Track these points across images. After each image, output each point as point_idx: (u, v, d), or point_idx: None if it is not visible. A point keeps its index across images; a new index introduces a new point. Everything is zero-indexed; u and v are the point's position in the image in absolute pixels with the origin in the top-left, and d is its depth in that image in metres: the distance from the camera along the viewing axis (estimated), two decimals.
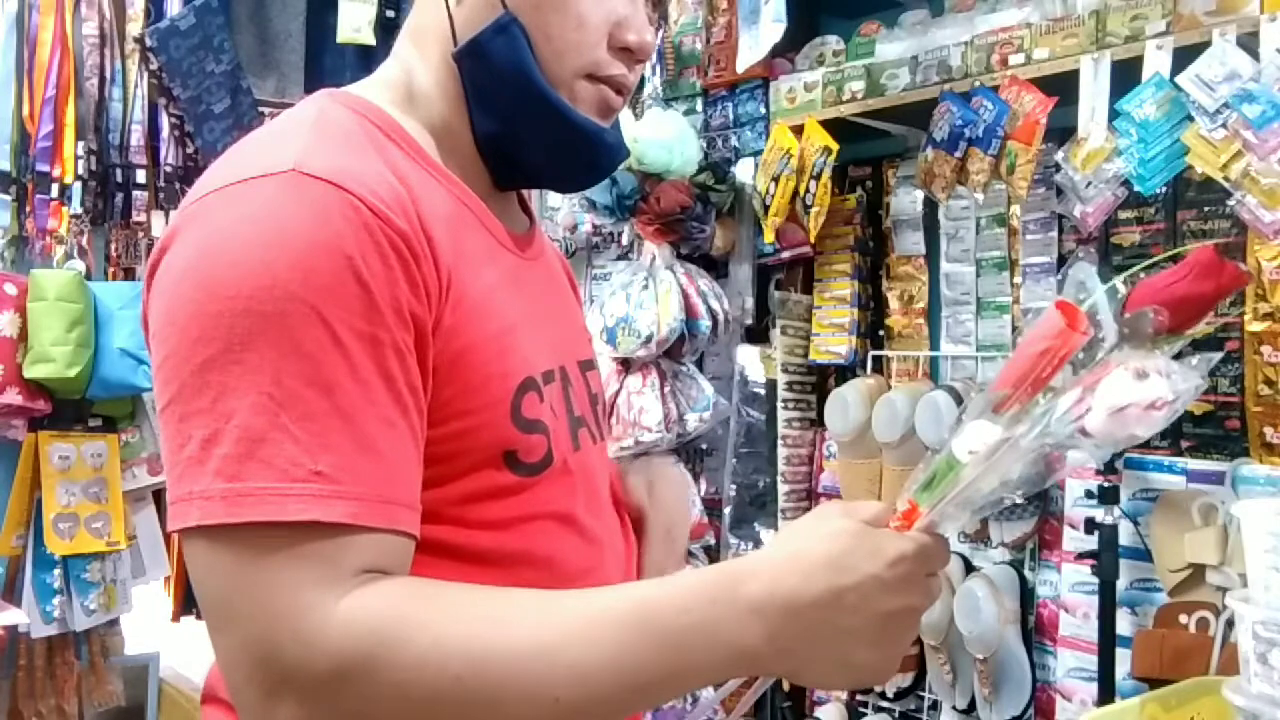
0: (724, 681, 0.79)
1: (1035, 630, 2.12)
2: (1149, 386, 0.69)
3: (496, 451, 0.79)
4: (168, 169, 3.10)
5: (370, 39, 2.76)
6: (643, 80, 2.74)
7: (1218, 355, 1.77)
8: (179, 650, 2.79)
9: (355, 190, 0.72)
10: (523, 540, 0.82)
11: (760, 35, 2.41)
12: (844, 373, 2.50)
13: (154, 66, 2.67)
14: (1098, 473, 1.90)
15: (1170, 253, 1.64)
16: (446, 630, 0.68)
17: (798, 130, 2.39)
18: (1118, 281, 0.76)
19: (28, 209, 3.17)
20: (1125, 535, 1.89)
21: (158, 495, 2.50)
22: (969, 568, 2.20)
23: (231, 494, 0.66)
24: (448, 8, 0.86)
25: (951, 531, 0.79)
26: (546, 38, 0.84)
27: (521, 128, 0.86)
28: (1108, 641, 1.87)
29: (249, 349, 0.67)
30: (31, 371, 2.16)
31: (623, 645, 0.69)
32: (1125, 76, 1.81)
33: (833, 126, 2.32)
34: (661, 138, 2.51)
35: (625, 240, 2.88)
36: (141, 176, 3.15)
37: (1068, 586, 2.04)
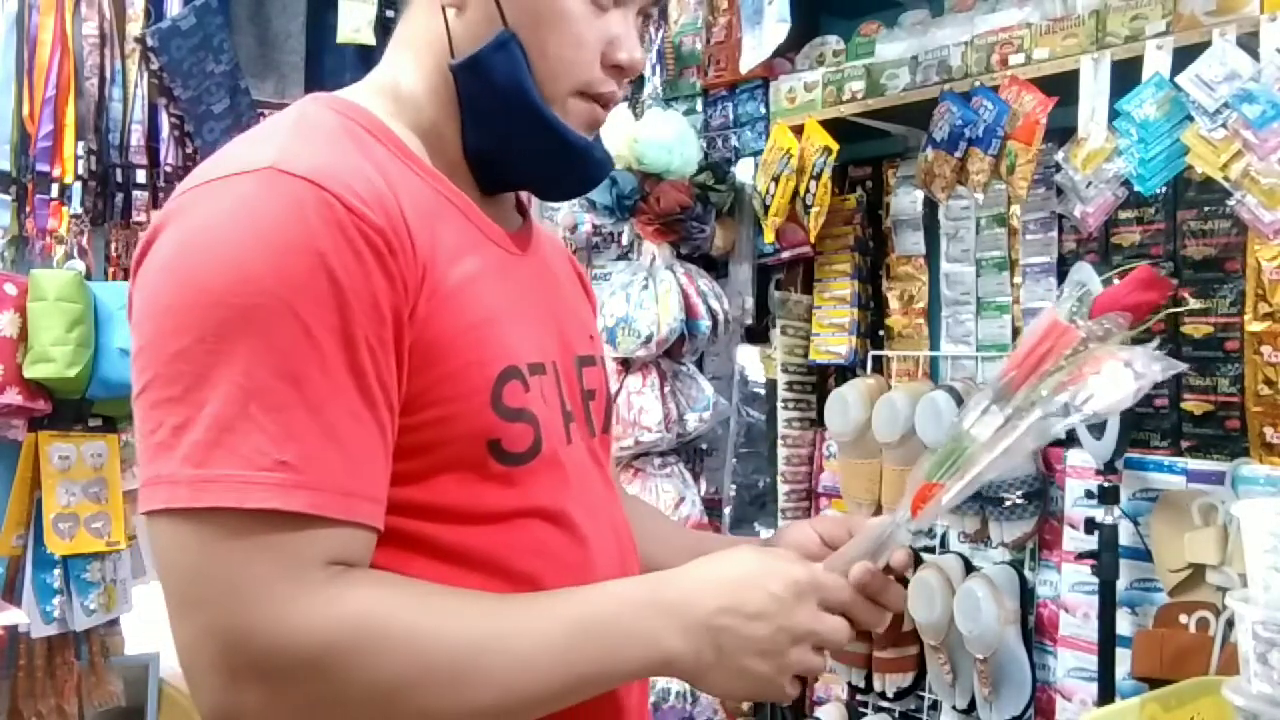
0: (650, 678, 0.88)
1: (1035, 630, 2.11)
2: (1136, 372, 0.83)
3: (480, 440, 0.81)
4: (168, 169, 3.10)
5: (370, 39, 2.76)
6: (642, 80, 2.74)
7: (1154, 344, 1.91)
8: None
9: (331, 186, 0.74)
10: (510, 537, 0.83)
11: (764, 35, 2.41)
12: (844, 373, 2.50)
13: (155, 66, 2.67)
14: (1098, 473, 1.90)
15: (1114, 271, 1.79)
16: (418, 624, 0.73)
17: (798, 130, 2.38)
18: (1090, 288, 0.88)
19: (28, 209, 3.17)
20: (1125, 535, 1.89)
21: None
22: (969, 568, 2.20)
23: (198, 479, 0.69)
24: (445, 20, 0.87)
25: (950, 505, 0.89)
26: (543, 55, 0.86)
27: (515, 141, 0.89)
28: (1108, 641, 1.87)
29: (222, 341, 0.70)
30: (31, 371, 2.16)
31: (569, 642, 0.77)
32: (1125, 76, 1.81)
33: (833, 126, 2.32)
34: (661, 138, 2.51)
35: (625, 240, 2.88)
36: (141, 176, 3.15)
37: (1068, 586, 2.04)
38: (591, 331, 1.04)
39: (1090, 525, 1.89)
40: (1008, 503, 2.07)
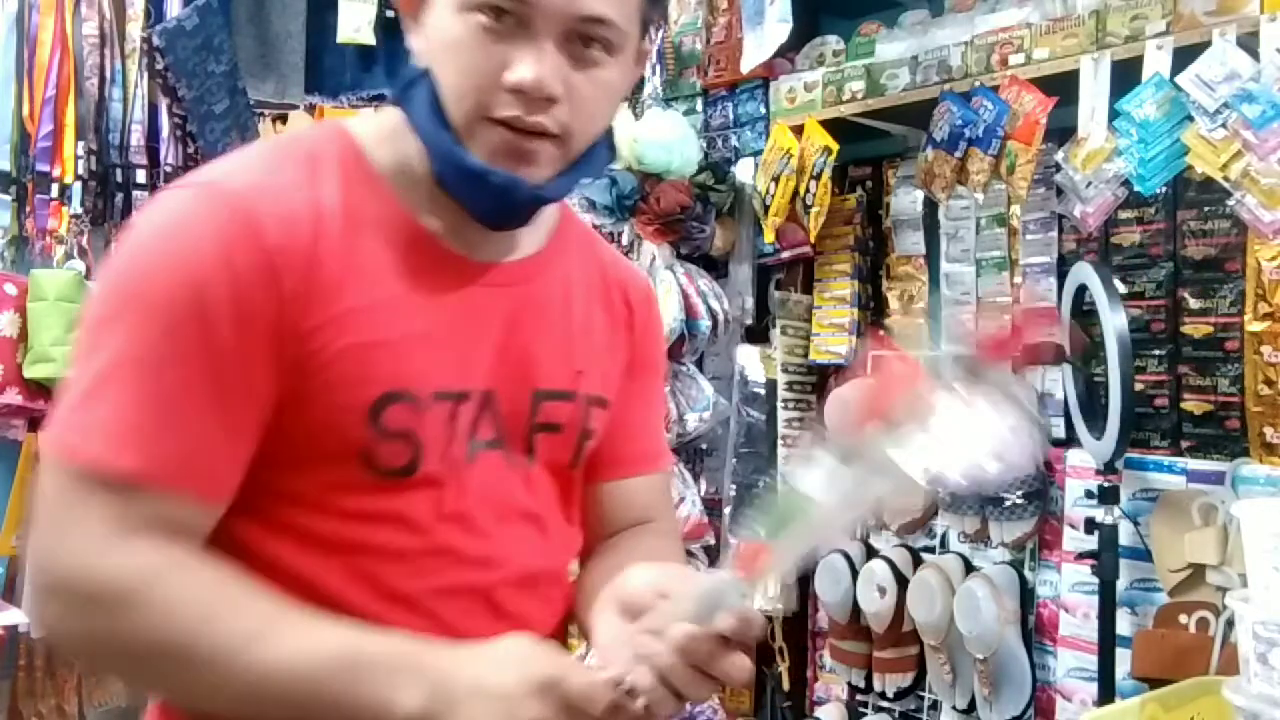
0: None
1: (1035, 630, 2.11)
2: (983, 419, 0.76)
3: (352, 451, 0.88)
4: (168, 169, 3.09)
5: (370, 39, 2.76)
6: (642, 80, 2.74)
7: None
8: None
9: (248, 207, 0.85)
10: (371, 539, 0.89)
11: (765, 35, 2.41)
12: (844, 373, 2.50)
13: (160, 66, 2.67)
14: (1098, 473, 1.90)
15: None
16: (190, 598, 0.81)
17: (798, 130, 2.38)
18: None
19: (28, 209, 3.16)
20: (1125, 535, 1.89)
21: None
22: (969, 568, 2.20)
23: (60, 433, 0.84)
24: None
25: (790, 563, 0.85)
26: (444, 85, 0.89)
27: (437, 169, 0.91)
28: (1108, 641, 1.87)
29: (115, 323, 0.84)
30: (31, 371, 2.16)
31: (316, 668, 0.81)
32: (1125, 76, 1.81)
33: (833, 126, 2.32)
34: (661, 138, 2.51)
35: (625, 240, 2.87)
36: (141, 176, 3.14)
37: (1068, 586, 2.04)
38: (581, 367, 1.01)
39: (1090, 525, 1.89)
40: (1008, 503, 2.07)
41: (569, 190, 0.98)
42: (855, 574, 2.31)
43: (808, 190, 2.32)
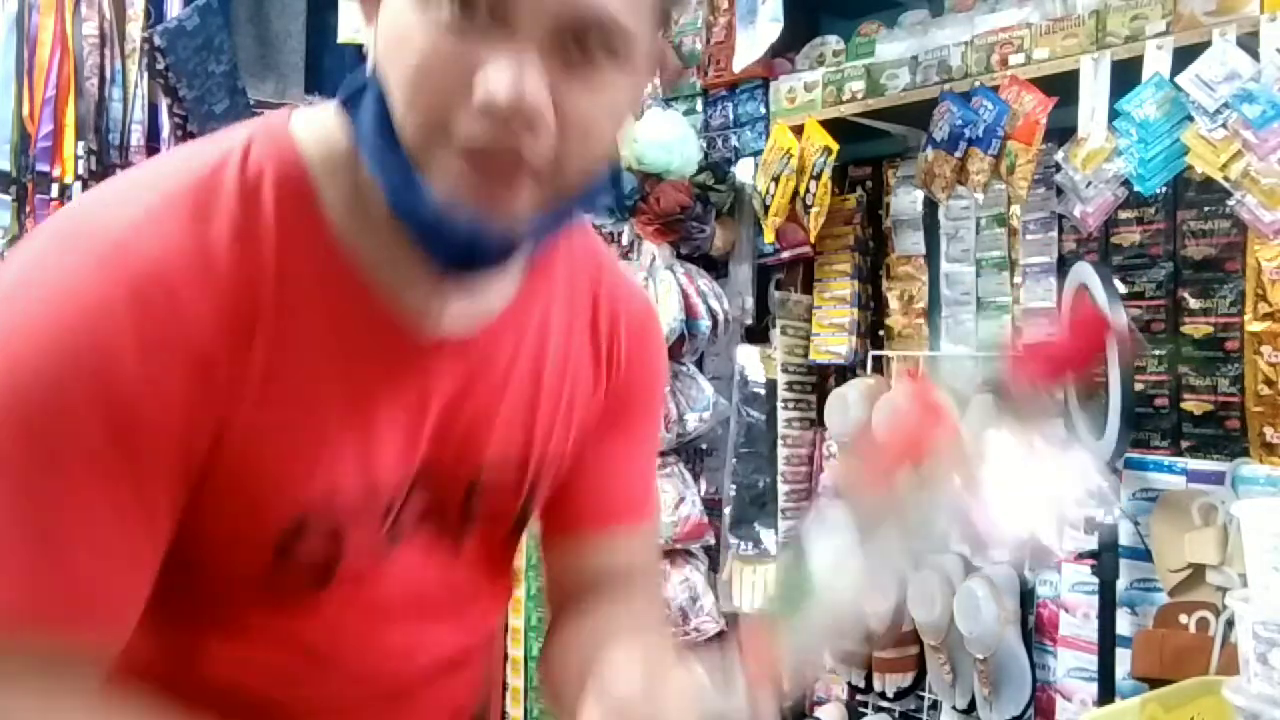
0: None
1: (1035, 630, 2.11)
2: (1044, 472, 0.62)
3: (258, 561, 0.75)
4: None
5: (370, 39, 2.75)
6: None
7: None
8: None
9: (157, 284, 0.67)
10: (281, 642, 0.79)
11: (757, 35, 2.41)
12: (844, 373, 2.50)
13: (161, 66, 2.67)
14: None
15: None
16: None
17: (798, 130, 2.39)
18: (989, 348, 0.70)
19: (28, 209, 3.17)
20: (1125, 535, 1.89)
21: None
22: (969, 568, 2.20)
23: None
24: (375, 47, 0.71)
25: (810, 651, 0.71)
26: (394, 95, 0.67)
27: (391, 204, 0.70)
28: (1108, 641, 1.87)
29: None
30: None
31: None
32: (1125, 76, 1.81)
33: (833, 126, 2.32)
34: (661, 138, 2.51)
35: (625, 240, 2.88)
36: None
37: (1068, 586, 2.04)
38: (542, 433, 0.86)
39: (1090, 525, 1.89)
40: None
41: (554, 234, 0.77)
42: None
43: (808, 190, 2.32)
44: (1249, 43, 1.67)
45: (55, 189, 3.09)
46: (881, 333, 2.50)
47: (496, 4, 0.64)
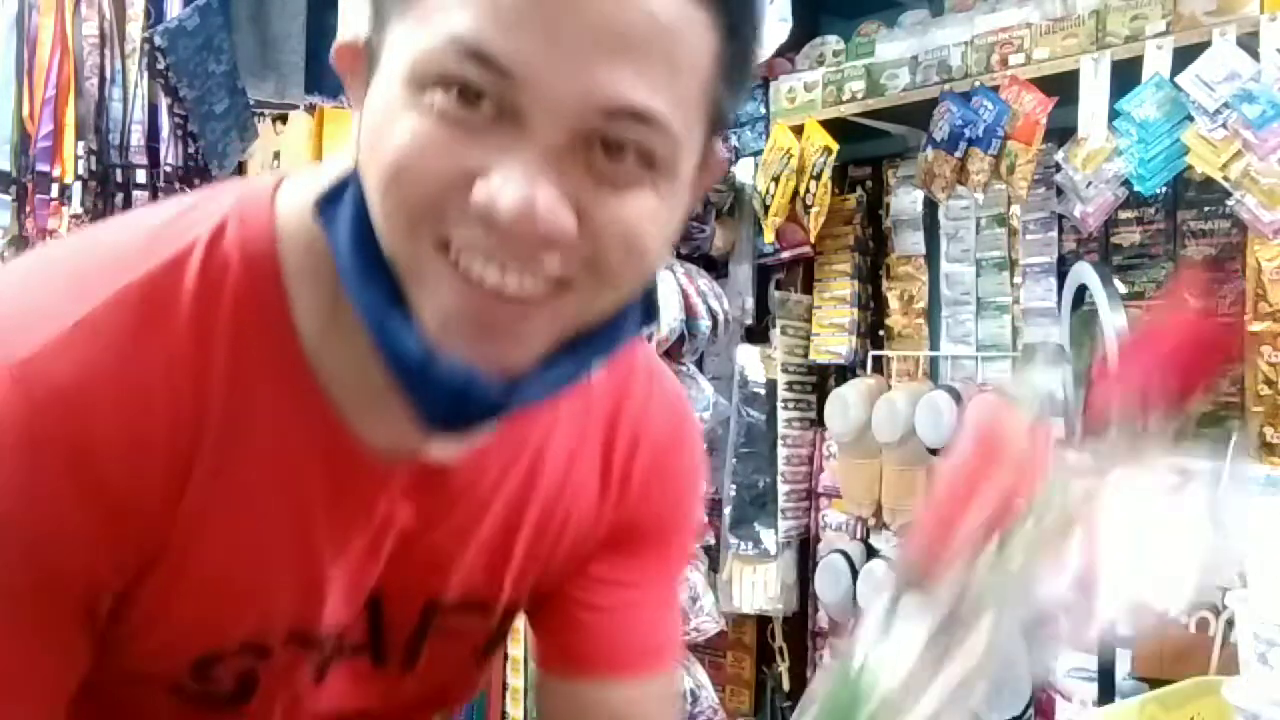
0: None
1: None
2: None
3: (178, 682, 0.68)
4: (168, 169, 3.09)
5: None
6: None
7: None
8: None
9: (76, 412, 0.57)
10: None
11: (764, 35, 2.41)
12: (844, 373, 2.50)
13: (161, 66, 2.67)
14: None
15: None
16: None
17: (798, 130, 2.39)
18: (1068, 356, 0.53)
19: (28, 209, 3.17)
20: None
21: None
22: None
23: None
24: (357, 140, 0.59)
25: None
26: (374, 195, 0.56)
27: (369, 332, 0.58)
28: (1107, 641, 1.86)
29: None
30: None
31: None
32: (1125, 76, 1.81)
33: (833, 126, 2.32)
34: None
35: None
36: (142, 176, 3.14)
37: None
38: (517, 573, 0.76)
39: None
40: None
41: (566, 387, 0.62)
42: (855, 574, 2.31)
43: (808, 190, 2.32)
44: (1249, 43, 1.67)
45: (55, 189, 3.09)
46: (881, 333, 2.50)
47: (506, 96, 0.52)
